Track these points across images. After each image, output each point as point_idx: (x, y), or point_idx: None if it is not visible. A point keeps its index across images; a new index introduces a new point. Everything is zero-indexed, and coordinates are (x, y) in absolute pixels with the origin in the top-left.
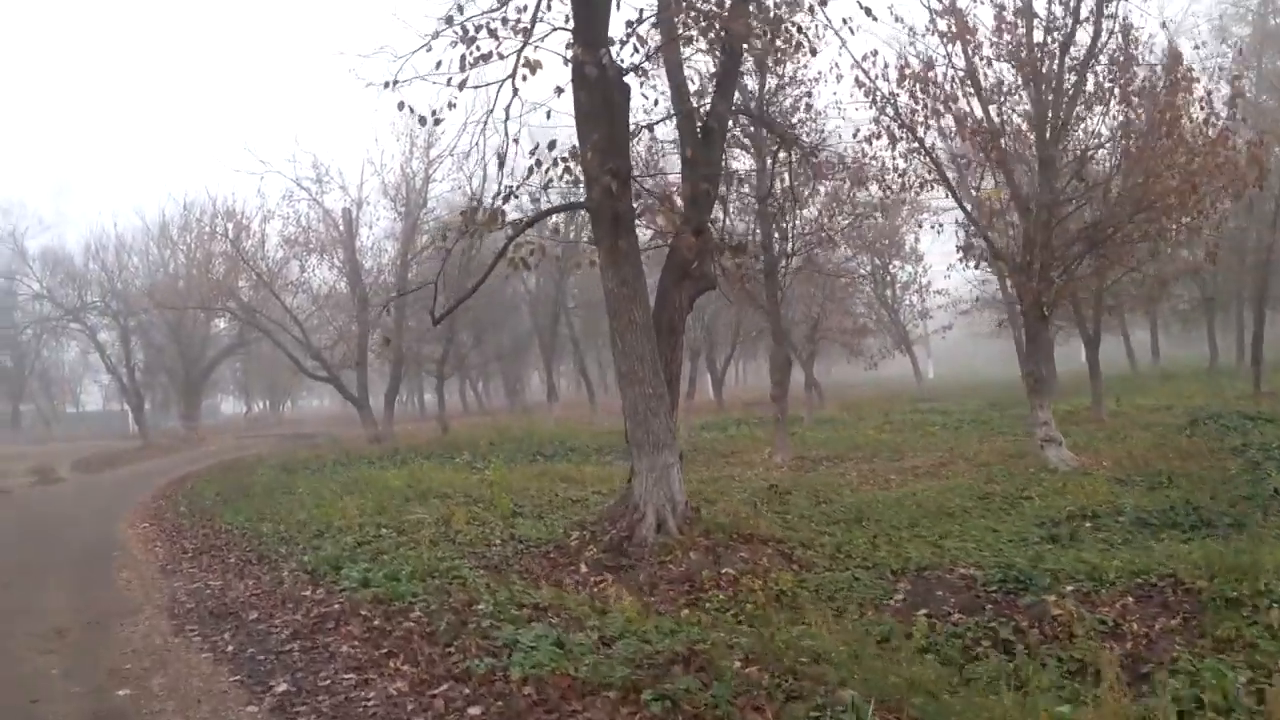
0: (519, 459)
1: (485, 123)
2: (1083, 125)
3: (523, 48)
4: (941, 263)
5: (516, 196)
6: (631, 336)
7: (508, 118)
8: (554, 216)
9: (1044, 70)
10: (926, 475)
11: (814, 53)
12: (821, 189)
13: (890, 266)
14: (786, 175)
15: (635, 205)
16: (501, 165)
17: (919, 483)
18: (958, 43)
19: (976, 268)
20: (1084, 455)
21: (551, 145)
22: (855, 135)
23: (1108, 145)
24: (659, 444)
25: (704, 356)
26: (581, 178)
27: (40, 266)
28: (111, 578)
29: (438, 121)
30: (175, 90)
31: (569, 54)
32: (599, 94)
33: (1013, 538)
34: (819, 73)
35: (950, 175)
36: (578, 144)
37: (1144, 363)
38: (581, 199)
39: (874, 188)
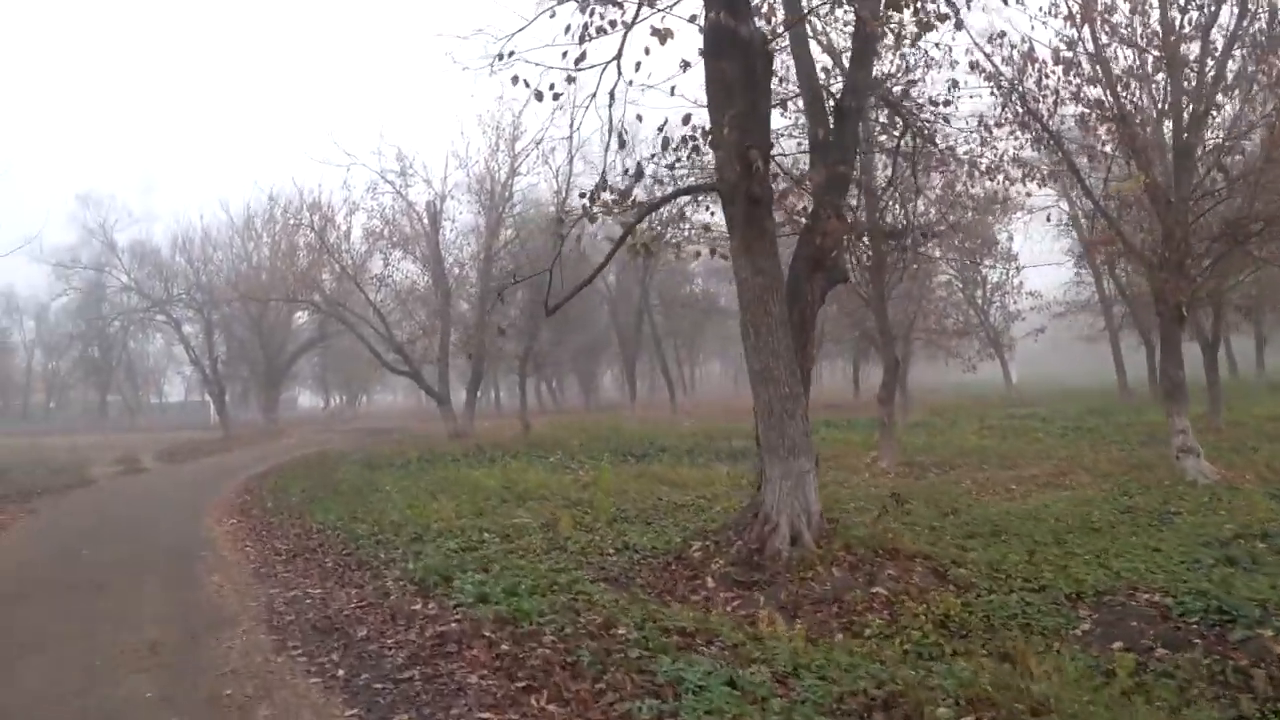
0: (609, 460)
1: (588, 107)
2: (1221, 113)
3: (637, 16)
4: (1031, 263)
5: (643, 176)
6: (767, 331)
7: (612, 101)
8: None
9: (1183, 53)
10: (1049, 486)
11: (959, 26)
12: (938, 178)
13: (982, 267)
14: (901, 163)
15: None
16: (623, 145)
17: (1044, 494)
18: (1086, 26)
19: (1110, 268)
20: (1217, 467)
21: (686, 119)
22: (980, 123)
23: (1253, 134)
24: (795, 449)
25: None
26: (710, 159)
27: (128, 259)
28: (202, 581)
29: (556, 96)
30: (263, 85)
31: (704, 19)
32: (740, 63)
33: (1183, 559)
34: (928, 55)
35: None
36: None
37: (1245, 371)
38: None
39: (988, 181)
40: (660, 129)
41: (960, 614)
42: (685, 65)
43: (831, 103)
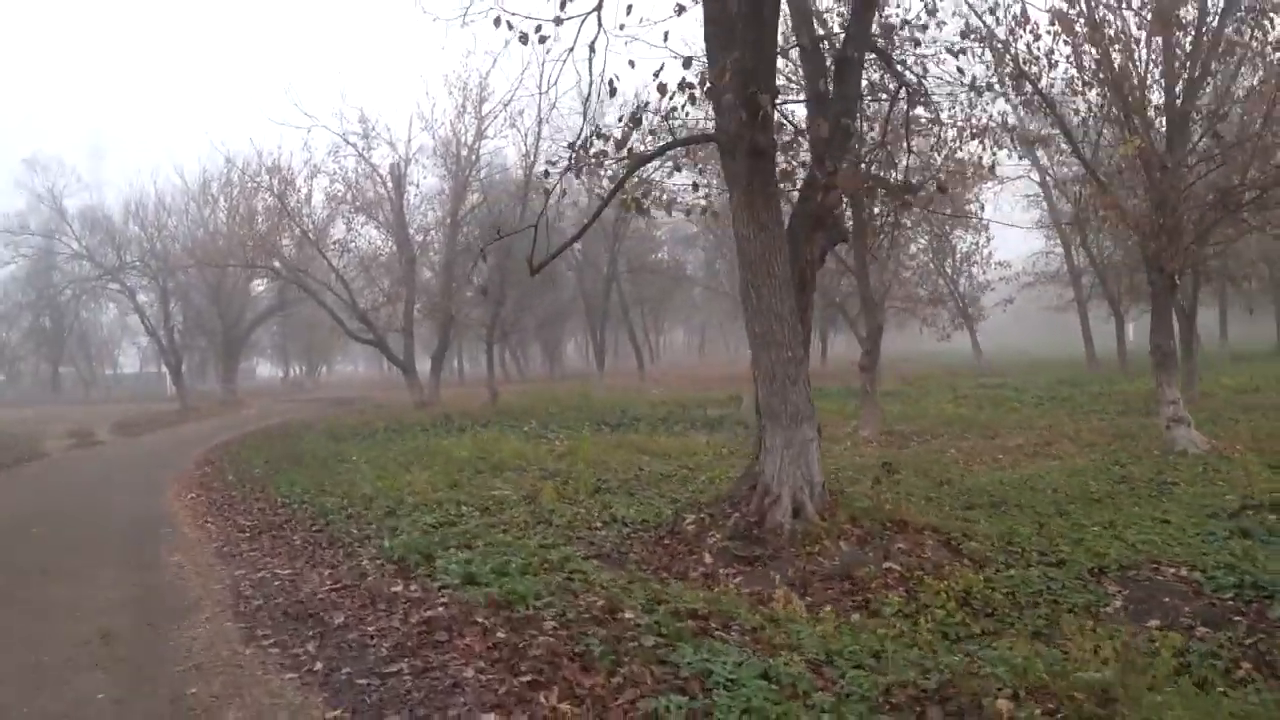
0: (583, 429)
1: (564, 60)
2: (1216, 78)
3: None
4: (1000, 235)
5: (640, 123)
6: (769, 293)
7: (592, 54)
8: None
9: (1179, 16)
10: (1036, 455)
11: None
12: (923, 142)
13: (957, 232)
14: (892, 121)
15: None
16: (613, 93)
17: (1033, 463)
18: None
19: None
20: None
21: (687, 63)
22: (971, 85)
23: (1247, 100)
24: (798, 416)
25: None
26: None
27: (79, 226)
28: (161, 561)
29: (542, 40)
30: (217, 44)
31: None
32: (747, 2)
33: (1196, 531)
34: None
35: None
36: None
37: (1208, 343)
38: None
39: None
40: (656, 74)
41: (983, 590)
42: (680, 9)
43: (830, 53)
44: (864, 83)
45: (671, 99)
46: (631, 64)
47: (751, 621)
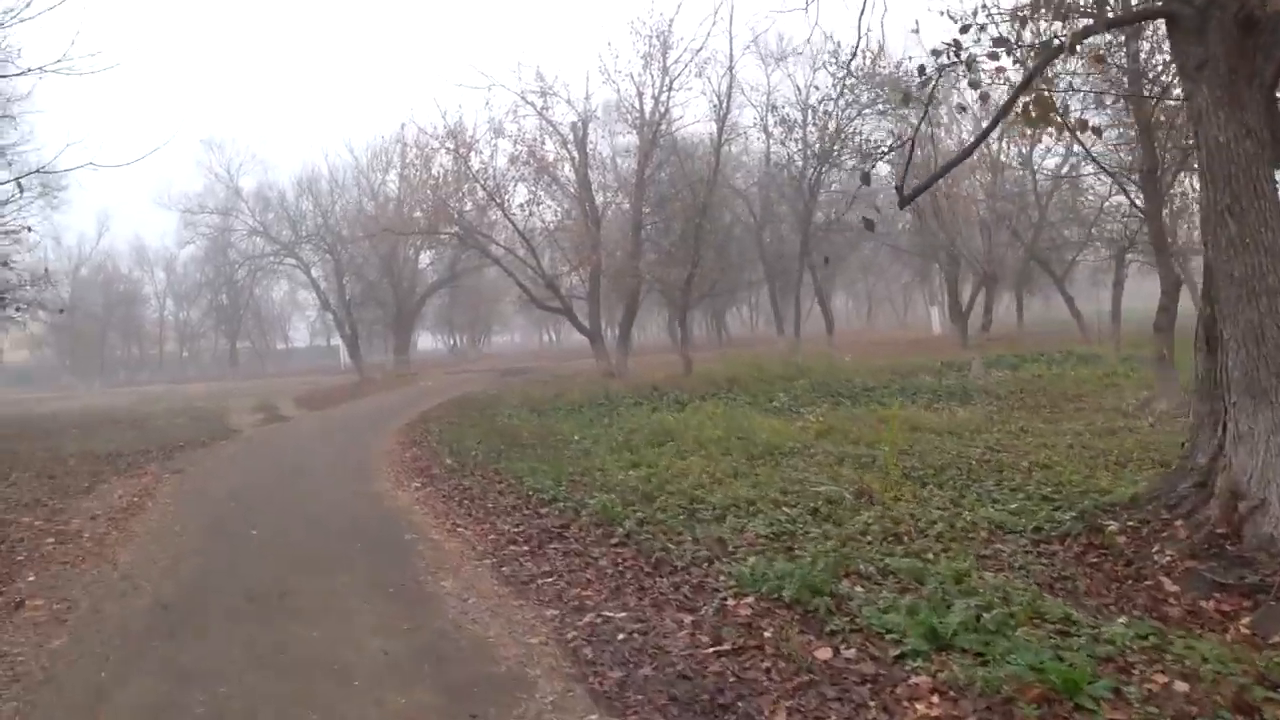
0: (819, 402)
1: None
2: None
3: None
4: None
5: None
6: (1255, 219)
7: None
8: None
9: None
10: None
11: None
12: None
13: None
14: None
15: None
16: None
17: None
18: None
19: None
20: None
21: None
22: None
23: None
24: None
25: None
26: None
27: (254, 203)
28: (429, 587)
29: None
30: (390, 23)
31: None
32: None
33: None
34: None
35: None
36: None
37: None
38: None
39: None
40: None
41: None
42: None
43: None
44: None
45: None
46: None
47: None
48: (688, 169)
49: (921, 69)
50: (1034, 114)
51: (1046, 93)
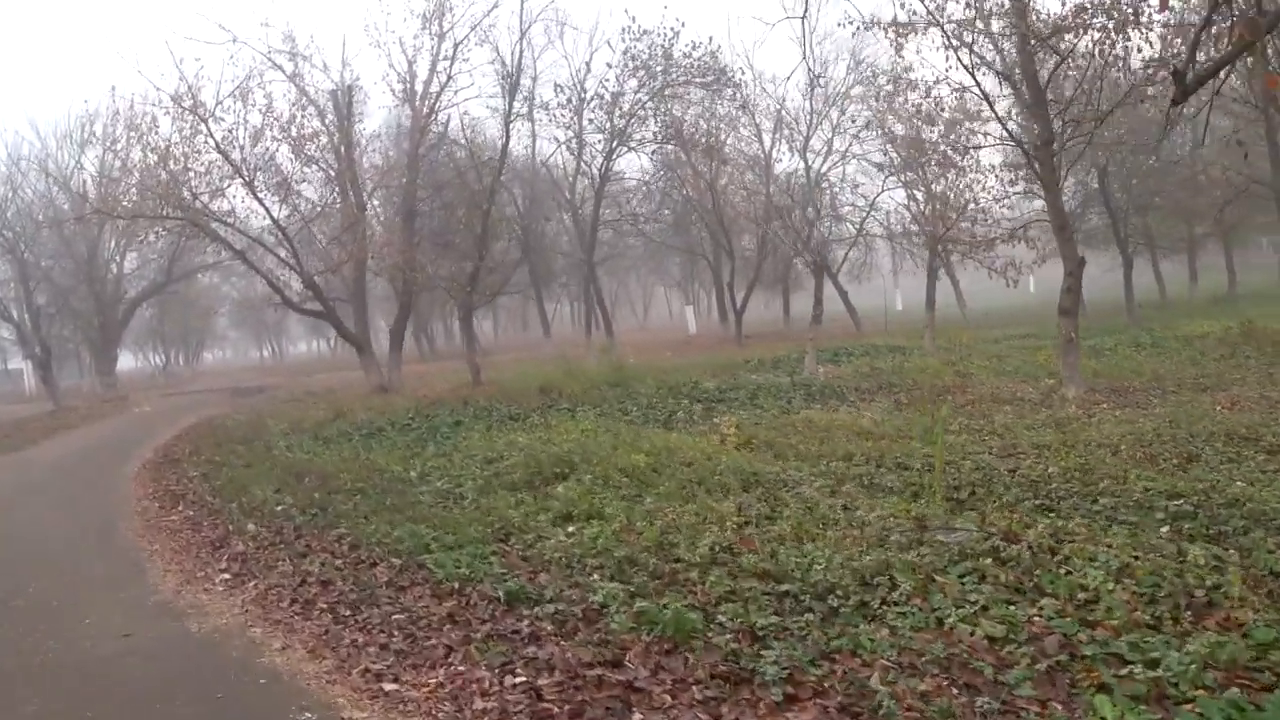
0: (683, 408)
1: None
2: None
3: None
4: None
5: None
6: None
7: None
8: None
9: None
10: None
11: None
12: None
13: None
14: None
15: None
16: None
17: None
18: None
19: None
20: None
21: None
22: None
23: None
24: None
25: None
26: None
27: None
28: None
29: None
30: None
31: None
32: None
33: None
34: None
35: None
36: None
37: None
38: None
39: None
40: None
41: None
42: None
43: None
44: None
45: None
46: None
47: None
48: (474, 149)
49: None
50: None
51: None
